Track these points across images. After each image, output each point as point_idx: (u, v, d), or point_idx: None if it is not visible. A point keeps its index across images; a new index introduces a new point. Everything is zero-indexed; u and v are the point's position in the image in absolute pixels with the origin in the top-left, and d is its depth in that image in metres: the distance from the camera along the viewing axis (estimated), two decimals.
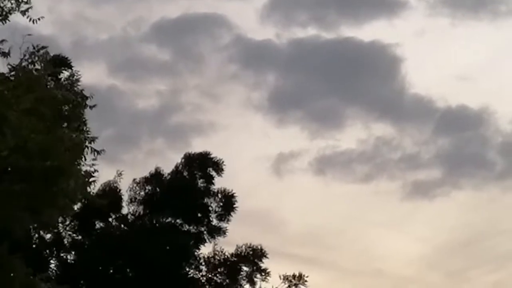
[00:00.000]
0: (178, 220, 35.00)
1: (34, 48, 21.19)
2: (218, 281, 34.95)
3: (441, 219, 62.89)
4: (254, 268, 35.07)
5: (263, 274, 35.02)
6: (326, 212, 60.93)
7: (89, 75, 27.43)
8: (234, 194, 35.45)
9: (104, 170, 33.23)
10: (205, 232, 35.01)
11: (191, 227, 35.03)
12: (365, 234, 61.96)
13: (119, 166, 50.00)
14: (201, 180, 35.45)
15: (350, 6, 67.28)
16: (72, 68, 28.17)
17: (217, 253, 35.19)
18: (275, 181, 61.71)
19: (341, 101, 66.19)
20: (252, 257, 35.05)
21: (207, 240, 35.05)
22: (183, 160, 35.66)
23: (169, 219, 34.94)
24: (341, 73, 63.18)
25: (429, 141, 65.84)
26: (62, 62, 28.42)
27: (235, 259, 35.10)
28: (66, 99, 20.76)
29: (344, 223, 61.52)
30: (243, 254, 35.12)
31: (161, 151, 59.32)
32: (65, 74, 27.33)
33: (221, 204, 35.31)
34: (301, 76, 66.14)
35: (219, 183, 35.73)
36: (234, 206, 35.38)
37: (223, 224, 35.20)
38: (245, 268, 35.12)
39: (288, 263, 35.82)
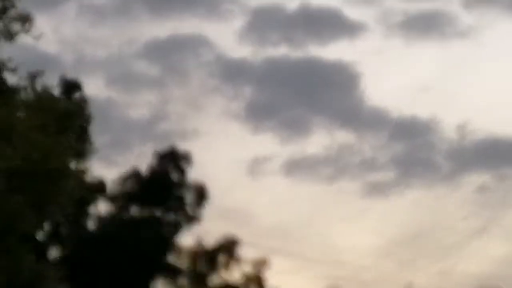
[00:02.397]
0: (157, 212, 35.36)
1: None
2: (199, 269, 35.73)
3: (395, 215, 64.74)
4: (230, 256, 35.99)
5: (237, 261, 36.11)
6: (294, 209, 62.52)
7: (88, 88, 28.71)
8: (206, 185, 35.80)
9: (101, 172, 34.54)
10: (182, 220, 35.35)
11: (169, 217, 35.34)
12: (328, 228, 63.71)
13: (114, 168, 51.10)
14: (174, 173, 35.80)
15: (316, 29, 69.15)
16: (82, 90, 29.44)
17: (198, 244, 35.93)
18: (250, 181, 63.24)
19: (308, 112, 67.99)
20: (228, 246, 35.99)
21: (184, 228, 35.38)
22: (154, 158, 36.07)
23: (149, 211, 35.29)
24: (308, 87, 64.90)
25: (385, 147, 67.86)
26: (74, 85, 29.69)
27: (214, 249, 35.93)
28: (69, 111, 21.45)
29: (309, 219, 63.07)
30: (220, 244, 35.96)
31: (150, 155, 60.67)
32: (76, 95, 28.60)
33: (195, 194, 35.62)
34: (274, 90, 67.90)
35: (195, 177, 36.30)
36: (206, 195, 35.69)
37: (198, 213, 35.54)
38: (222, 257, 36.01)
39: (260, 253, 36.83)
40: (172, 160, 35.91)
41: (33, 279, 20.16)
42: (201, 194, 35.72)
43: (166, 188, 35.41)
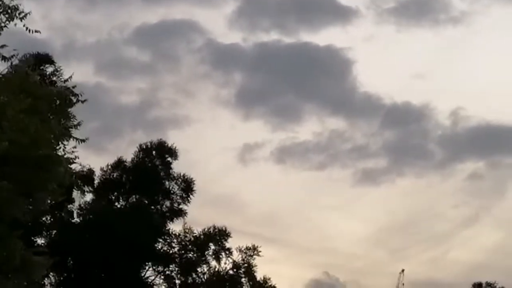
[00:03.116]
0: (145, 201, 35.46)
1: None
2: (189, 257, 35.67)
3: (386, 203, 65.14)
4: (220, 246, 35.95)
5: (227, 252, 36.01)
6: (285, 196, 62.87)
7: (78, 73, 28.40)
8: (193, 179, 35.92)
9: (91, 158, 34.20)
10: (167, 213, 35.45)
11: (155, 209, 35.51)
12: (319, 216, 64.01)
13: (105, 155, 51.03)
14: (161, 166, 35.84)
15: (308, 14, 69.31)
16: (55, 64, 28.74)
17: (187, 231, 35.82)
18: (241, 168, 63.54)
19: (299, 98, 68.18)
20: (218, 237, 35.89)
21: (170, 221, 35.51)
22: (139, 150, 36.01)
23: (137, 199, 35.33)
24: (299, 73, 64.95)
25: (377, 134, 68.16)
26: (45, 59, 29.02)
27: (204, 238, 35.82)
28: (60, 95, 21.18)
29: (300, 206, 63.36)
30: (210, 234, 35.84)
31: (141, 142, 60.23)
32: (49, 70, 27.96)
33: (181, 187, 35.70)
34: (265, 76, 67.96)
35: (183, 169, 36.45)
36: (193, 189, 35.75)
37: (184, 206, 35.71)
38: (212, 247, 35.94)
39: (250, 241, 36.86)
40: (158, 154, 35.89)
41: (23, 265, 19.99)
42: (188, 187, 35.66)
43: (153, 181, 35.29)
